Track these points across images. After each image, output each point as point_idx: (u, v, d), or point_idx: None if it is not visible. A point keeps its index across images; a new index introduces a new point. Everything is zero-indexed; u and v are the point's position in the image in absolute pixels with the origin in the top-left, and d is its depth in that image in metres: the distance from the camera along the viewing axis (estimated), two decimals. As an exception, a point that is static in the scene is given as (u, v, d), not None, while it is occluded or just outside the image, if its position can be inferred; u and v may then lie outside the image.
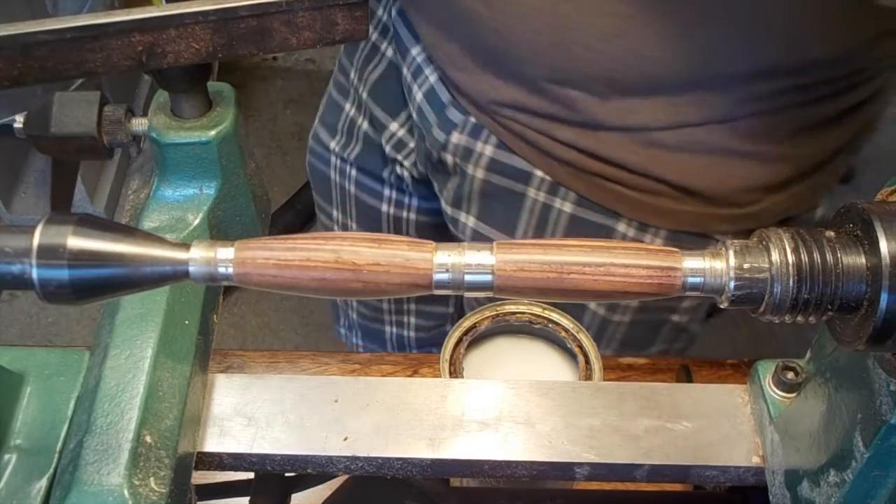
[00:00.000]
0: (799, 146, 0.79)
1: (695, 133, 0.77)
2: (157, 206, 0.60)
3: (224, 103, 0.60)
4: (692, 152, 0.78)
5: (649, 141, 0.78)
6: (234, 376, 0.60)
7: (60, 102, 0.57)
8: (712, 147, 0.78)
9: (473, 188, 0.89)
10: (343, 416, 0.58)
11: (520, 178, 0.85)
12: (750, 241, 0.41)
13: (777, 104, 0.76)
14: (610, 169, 0.80)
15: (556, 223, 0.85)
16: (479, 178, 0.87)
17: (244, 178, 0.62)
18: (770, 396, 0.57)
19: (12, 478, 0.51)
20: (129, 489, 0.47)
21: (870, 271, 0.39)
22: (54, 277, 0.38)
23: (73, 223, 0.39)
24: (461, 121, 0.86)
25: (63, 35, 0.51)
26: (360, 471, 0.57)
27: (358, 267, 0.41)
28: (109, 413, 0.50)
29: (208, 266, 0.41)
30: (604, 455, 0.57)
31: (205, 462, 0.57)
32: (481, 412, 0.59)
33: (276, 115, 2.63)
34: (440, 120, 0.88)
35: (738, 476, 0.57)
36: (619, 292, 0.41)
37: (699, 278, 0.40)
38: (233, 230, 0.64)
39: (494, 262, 0.41)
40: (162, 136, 0.58)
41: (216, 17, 0.52)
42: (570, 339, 0.70)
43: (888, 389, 0.43)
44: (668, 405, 0.59)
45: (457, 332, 0.71)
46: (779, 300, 0.40)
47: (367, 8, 0.54)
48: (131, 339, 0.53)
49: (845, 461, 0.46)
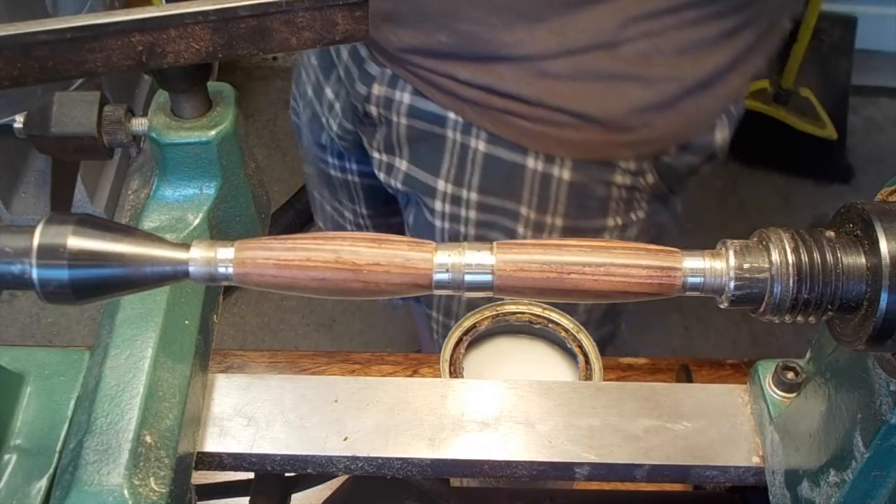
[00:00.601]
0: (681, 66, 0.84)
1: (582, 60, 0.82)
2: (157, 206, 0.60)
3: (224, 103, 0.60)
4: (582, 80, 0.83)
5: (542, 72, 0.82)
6: (234, 376, 0.60)
7: (60, 102, 0.57)
8: (600, 73, 0.82)
9: (400, 135, 0.94)
10: (343, 416, 0.58)
11: (437, 122, 0.90)
12: (750, 241, 0.41)
13: (656, 26, 0.81)
14: (512, 104, 0.84)
15: (473, 161, 0.90)
16: (404, 125, 0.93)
17: (244, 178, 0.62)
18: (770, 396, 0.57)
19: (12, 478, 0.51)
20: (129, 489, 0.47)
21: (870, 271, 0.39)
22: (54, 277, 0.38)
23: (73, 223, 0.39)
24: (379, 73, 0.92)
25: (63, 35, 0.51)
26: (360, 471, 0.57)
27: (358, 267, 0.41)
28: (109, 413, 0.50)
29: (208, 266, 0.41)
30: (604, 455, 0.57)
31: (205, 462, 0.57)
32: (481, 412, 0.59)
33: (276, 115, 2.63)
34: (361, 73, 0.94)
35: (738, 476, 0.57)
36: (619, 292, 0.41)
37: (699, 278, 0.40)
38: (233, 230, 0.64)
39: (494, 262, 0.41)
40: (162, 136, 0.58)
41: (216, 17, 0.52)
42: (570, 339, 0.70)
43: (888, 389, 0.43)
44: (668, 405, 0.59)
45: (457, 332, 0.71)
46: (779, 300, 0.40)
47: (367, 8, 0.54)
48: (131, 339, 0.53)
49: (845, 461, 0.46)
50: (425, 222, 0.98)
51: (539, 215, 0.90)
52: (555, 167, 0.87)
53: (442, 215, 0.95)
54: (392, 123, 0.94)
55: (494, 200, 0.91)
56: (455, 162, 0.91)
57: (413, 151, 0.95)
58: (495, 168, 0.89)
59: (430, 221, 0.97)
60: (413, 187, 0.97)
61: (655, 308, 2.12)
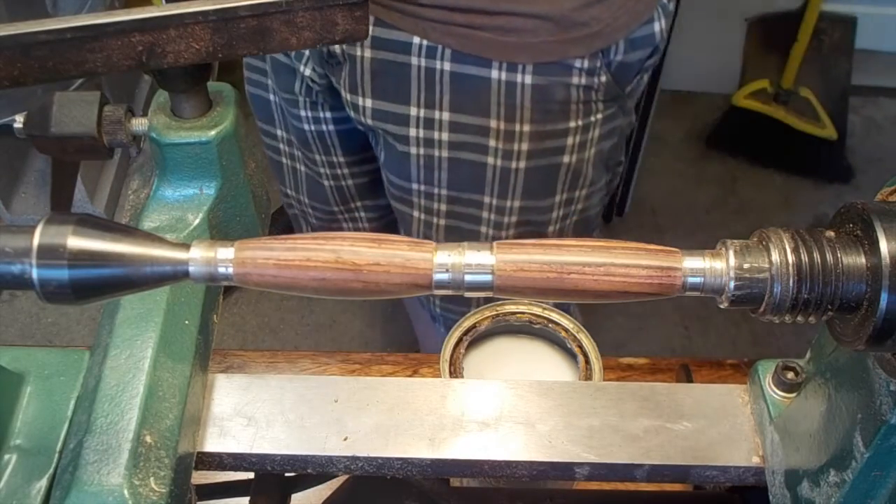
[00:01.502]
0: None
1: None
2: (157, 206, 0.60)
3: (224, 103, 0.60)
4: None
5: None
6: (234, 376, 0.60)
7: (60, 102, 0.57)
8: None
9: (364, 69, 0.97)
10: (343, 416, 0.58)
11: (400, 49, 0.94)
12: (750, 241, 0.41)
13: None
14: (474, 17, 0.90)
15: (441, 81, 0.95)
16: (367, 58, 0.96)
17: (244, 178, 0.62)
18: (770, 396, 0.57)
19: (12, 478, 0.51)
20: (129, 489, 0.47)
21: (870, 271, 0.39)
22: (54, 277, 0.38)
23: (73, 223, 0.39)
24: None
25: (63, 35, 0.51)
26: (360, 471, 0.57)
27: (358, 267, 0.41)
28: (109, 413, 0.50)
29: (208, 266, 0.41)
30: (604, 455, 0.57)
31: (205, 462, 0.57)
32: (481, 412, 0.59)
33: (276, 115, 2.63)
34: None
35: (738, 476, 0.57)
36: (619, 292, 0.41)
37: (699, 278, 0.40)
38: (233, 230, 0.64)
39: (494, 262, 0.41)
40: (162, 136, 0.58)
41: (216, 17, 0.52)
42: (570, 339, 0.70)
43: (888, 389, 0.43)
44: (668, 405, 0.59)
45: (457, 332, 0.71)
46: (779, 300, 0.40)
47: (367, 8, 0.54)
48: (131, 339, 0.53)
49: (845, 461, 0.46)
50: (399, 154, 1.03)
51: (508, 124, 0.96)
52: (517, 74, 0.93)
53: (417, 141, 1.00)
54: (356, 59, 0.96)
55: (465, 118, 0.97)
56: (423, 86, 0.96)
57: (376, 86, 0.98)
58: (462, 85, 0.94)
59: (403, 152, 1.02)
60: (384, 120, 1.01)
61: (655, 308, 2.13)
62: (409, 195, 1.08)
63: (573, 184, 1.06)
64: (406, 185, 1.07)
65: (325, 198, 1.29)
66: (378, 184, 1.19)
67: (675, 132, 2.56)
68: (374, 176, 1.23)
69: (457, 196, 1.05)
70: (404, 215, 1.12)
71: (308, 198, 1.31)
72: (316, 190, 1.28)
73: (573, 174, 1.04)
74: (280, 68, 1.12)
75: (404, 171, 1.05)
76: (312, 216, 1.34)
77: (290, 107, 1.16)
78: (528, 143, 0.98)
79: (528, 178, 1.02)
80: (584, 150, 1.02)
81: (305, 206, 1.33)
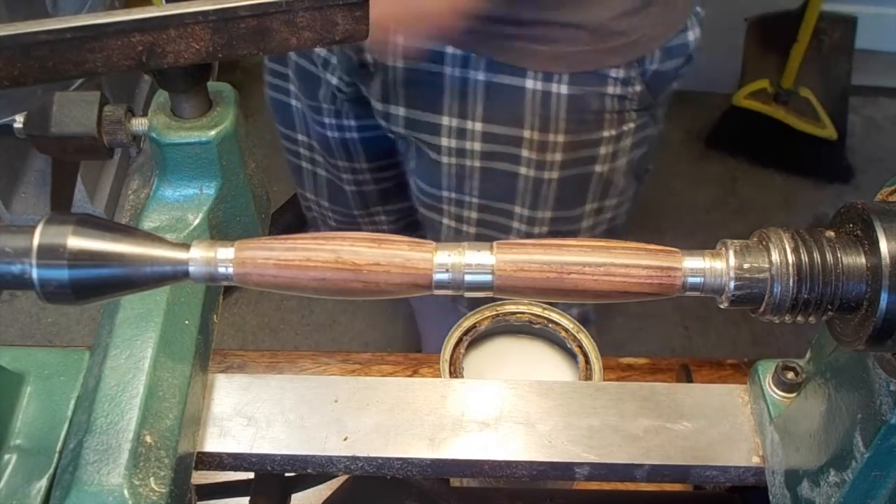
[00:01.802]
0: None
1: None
2: (157, 206, 0.60)
3: (224, 103, 0.60)
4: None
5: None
6: (234, 376, 0.60)
7: (60, 102, 0.57)
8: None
9: (397, 79, 0.97)
10: (343, 416, 0.58)
11: (434, 59, 0.93)
12: (750, 241, 0.41)
13: None
14: (509, 27, 0.90)
15: (475, 91, 0.94)
16: (400, 67, 0.95)
17: (244, 178, 0.62)
18: (770, 396, 0.57)
19: (12, 478, 0.51)
20: (129, 489, 0.47)
21: (870, 271, 0.39)
22: (54, 277, 0.38)
23: (73, 223, 0.39)
24: None
25: (63, 35, 0.51)
26: (360, 471, 0.57)
27: (358, 267, 0.41)
28: (109, 413, 0.50)
29: (208, 266, 0.41)
30: (604, 455, 0.57)
31: (205, 462, 0.57)
32: (481, 412, 0.58)
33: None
34: None
35: (738, 476, 0.57)
36: (619, 292, 0.41)
37: (699, 278, 0.40)
38: (233, 230, 0.64)
39: (494, 262, 0.41)
40: (162, 136, 0.58)
41: (216, 17, 0.52)
42: (570, 339, 0.70)
43: (888, 389, 0.43)
44: (667, 405, 0.59)
45: (457, 332, 0.71)
46: (779, 300, 0.40)
47: (367, 8, 0.54)
48: (131, 339, 0.53)
49: (845, 461, 0.46)
50: (430, 162, 1.02)
51: (542, 134, 0.95)
52: (553, 84, 0.92)
53: (448, 151, 0.99)
54: (388, 70, 0.96)
55: (498, 128, 0.96)
56: (456, 96, 0.95)
57: (411, 94, 0.98)
58: (497, 95, 0.93)
59: (435, 160, 1.01)
60: (415, 129, 1.00)
61: (655, 308, 2.13)
62: (440, 203, 1.07)
63: (604, 193, 1.05)
64: (436, 192, 1.06)
65: (346, 202, 1.28)
66: (400, 188, 1.18)
67: (675, 132, 2.55)
68: (396, 181, 1.22)
69: (487, 205, 1.04)
70: (433, 222, 1.10)
71: (328, 202, 1.30)
72: (337, 194, 1.27)
73: (604, 184, 1.03)
74: (304, 75, 1.11)
75: (435, 179, 1.04)
76: (332, 219, 1.34)
77: (314, 114, 1.15)
78: (562, 154, 0.97)
79: (559, 188, 1.01)
80: (615, 160, 1.02)
81: (325, 209, 1.32)
